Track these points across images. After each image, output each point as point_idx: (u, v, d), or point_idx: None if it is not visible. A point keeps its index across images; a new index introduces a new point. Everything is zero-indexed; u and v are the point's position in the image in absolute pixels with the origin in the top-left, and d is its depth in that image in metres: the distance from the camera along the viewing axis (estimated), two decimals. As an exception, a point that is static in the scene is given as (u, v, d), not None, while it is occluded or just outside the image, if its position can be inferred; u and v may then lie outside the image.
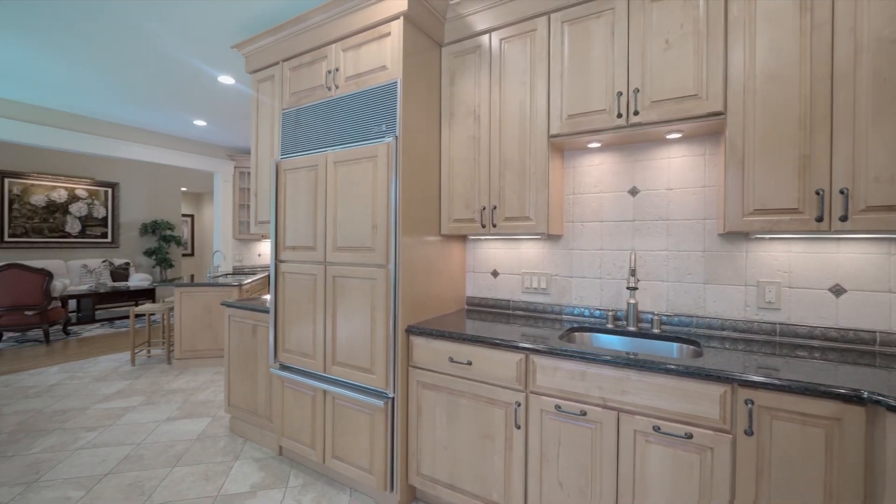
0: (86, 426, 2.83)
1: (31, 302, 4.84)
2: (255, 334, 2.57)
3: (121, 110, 4.29)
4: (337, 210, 2.07)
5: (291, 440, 2.28)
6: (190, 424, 2.86)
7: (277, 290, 2.33)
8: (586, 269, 2.10)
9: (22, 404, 3.20)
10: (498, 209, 2.02)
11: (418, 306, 2.03)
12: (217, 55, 3.01)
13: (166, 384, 3.66)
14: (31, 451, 2.48)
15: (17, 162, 6.85)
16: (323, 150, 2.19)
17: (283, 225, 2.31)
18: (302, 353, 2.22)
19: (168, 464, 2.35)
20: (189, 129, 4.91)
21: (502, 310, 2.35)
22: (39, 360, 4.37)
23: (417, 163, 2.03)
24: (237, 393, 2.67)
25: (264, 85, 2.57)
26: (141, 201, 8.33)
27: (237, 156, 5.79)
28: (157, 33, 2.70)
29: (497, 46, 2.03)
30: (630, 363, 1.41)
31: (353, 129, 2.08)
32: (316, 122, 2.23)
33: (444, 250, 2.26)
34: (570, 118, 1.84)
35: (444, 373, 1.84)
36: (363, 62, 2.07)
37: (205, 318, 4.14)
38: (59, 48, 2.92)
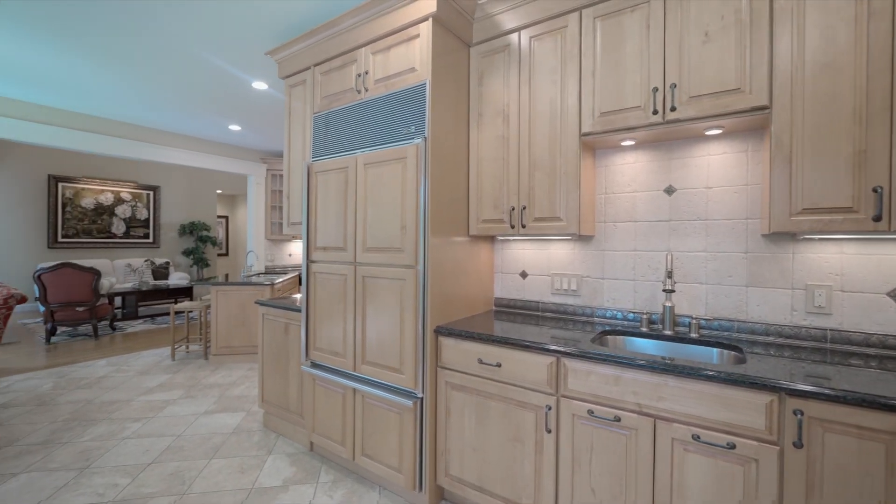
0: (131, 417, 2.98)
1: (82, 299, 5.15)
2: (287, 332, 2.64)
3: (162, 117, 4.51)
4: (367, 211, 2.10)
5: (322, 437, 2.33)
6: (226, 418, 2.96)
7: (309, 289, 2.38)
8: (619, 271, 2.05)
9: (74, 394, 3.40)
10: (527, 209, 1.99)
11: (447, 307, 2.03)
12: (251, 62, 3.11)
13: (203, 379, 3.81)
14: (82, 439, 2.64)
15: (70, 168, 7.31)
16: (353, 152, 2.23)
17: (315, 226, 2.36)
18: (332, 351, 2.26)
19: (206, 456, 2.45)
20: (224, 133, 5.10)
21: (531, 311, 2.32)
22: (89, 354, 4.65)
23: (446, 164, 2.03)
24: (270, 389, 2.75)
25: (296, 90, 2.64)
26: (180, 203, 8.72)
27: (269, 158, 5.97)
28: (196, 44, 2.82)
29: (526, 45, 2.01)
30: (668, 368, 1.36)
31: (382, 130, 2.10)
32: (346, 124, 2.27)
33: (472, 251, 2.25)
34: (602, 116, 1.79)
35: (473, 374, 1.83)
36: (392, 65, 2.09)
37: (239, 316, 4.29)
38: (107, 61, 3.09)
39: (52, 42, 2.82)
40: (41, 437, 2.66)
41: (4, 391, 3.49)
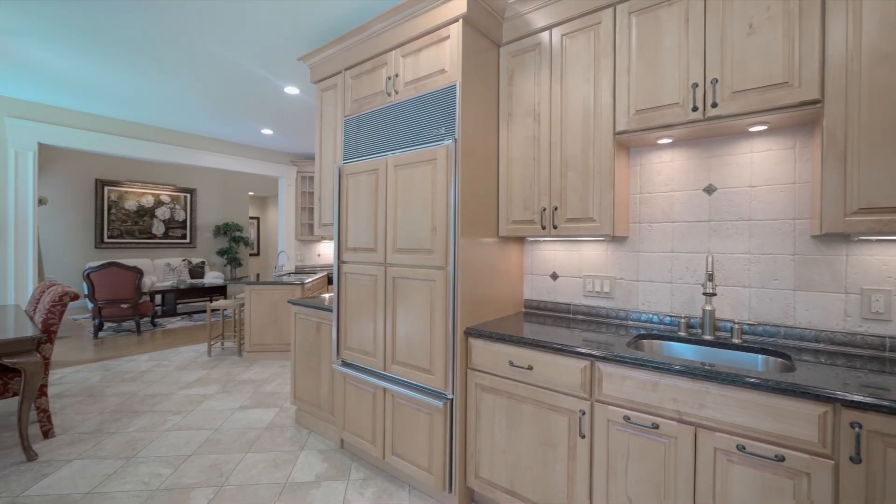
0: (172, 410, 3.12)
1: (126, 296, 5.42)
2: (318, 331, 2.70)
3: (200, 123, 4.69)
4: (397, 212, 2.12)
5: (352, 434, 2.37)
6: (260, 414, 3.06)
7: (340, 289, 2.43)
8: (655, 273, 1.99)
9: (120, 387, 3.59)
10: (559, 210, 1.96)
11: (476, 308, 2.03)
12: (284, 68, 3.19)
13: (238, 375, 3.95)
14: (128, 430, 2.78)
15: (114, 172, 7.72)
16: (383, 154, 2.25)
17: (346, 227, 2.40)
18: (363, 351, 2.30)
19: (242, 449, 2.53)
20: (257, 137, 5.26)
21: (562, 314, 2.28)
22: (132, 349, 4.89)
23: (476, 165, 2.03)
24: (302, 386, 2.81)
25: (327, 94, 2.69)
26: (214, 205, 9.06)
27: (299, 161, 6.12)
28: (232, 52, 2.92)
29: (558, 43, 1.98)
30: (710, 375, 1.31)
31: (412, 132, 2.12)
32: (376, 127, 2.30)
33: (502, 252, 2.23)
34: (638, 114, 1.74)
35: (503, 376, 1.82)
36: (422, 67, 2.10)
37: (272, 315, 4.42)
38: (149, 70, 3.24)
39: (99, 54, 2.99)
40: (91, 427, 2.82)
41: (58, 382, 3.72)
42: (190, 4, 2.34)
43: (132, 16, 2.48)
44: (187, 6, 2.36)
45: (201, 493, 2.09)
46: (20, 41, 2.80)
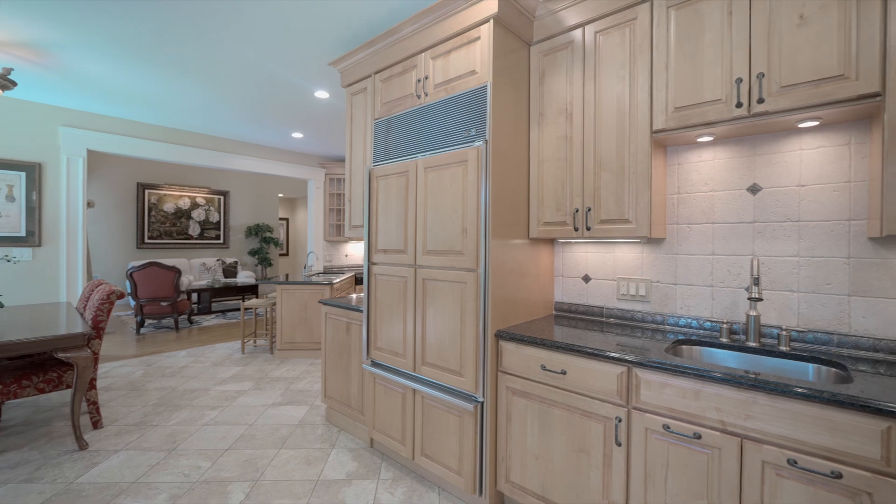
0: (209, 405, 3.24)
1: (166, 295, 5.67)
2: (348, 331, 2.74)
3: (234, 127, 4.86)
4: (427, 214, 2.12)
5: (382, 434, 2.39)
6: (292, 411, 3.13)
7: (370, 290, 2.46)
8: (694, 276, 1.91)
9: (161, 382, 3.76)
10: (592, 211, 1.92)
11: (507, 311, 2.01)
12: (314, 73, 3.26)
13: (270, 372, 4.06)
14: (169, 423, 2.90)
15: (154, 176, 8.09)
16: (413, 156, 2.26)
17: (376, 229, 2.43)
18: (393, 351, 2.32)
19: (275, 446, 2.60)
20: (288, 141, 5.40)
21: (595, 317, 2.23)
22: (171, 345, 5.11)
23: (507, 166, 2.01)
24: (332, 385, 2.86)
25: (357, 97, 2.73)
26: (246, 207, 9.36)
27: (327, 163, 6.24)
28: (266, 59, 3.00)
29: (591, 40, 1.93)
30: (758, 384, 1.25)
31: (442, 134, 2.12)
32: (406, 129, 2.31)
33: (533, 254, 2.20)
34: (677, 111, 1.68)
35: (535, 380, 1.79)
36: (452, 68, 2.09)
37: (302, 314, 4.52)
38: (186, 78, 3.37)
39: (142, 64, 3.14)
40: (135, 419, 2.96)
41: (105, 376, 3.93)
42: (228, 16, 2.42)
43: (174, 28, 2.59)
44: (226, 18, 2.44)
45: (238, 487, 2.16)
46: (71, 54, 2.97)
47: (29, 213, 3.94)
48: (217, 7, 2.35)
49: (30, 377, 2.54)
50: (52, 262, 4.09)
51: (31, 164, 3.96)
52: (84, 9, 2.38)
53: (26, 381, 2.52)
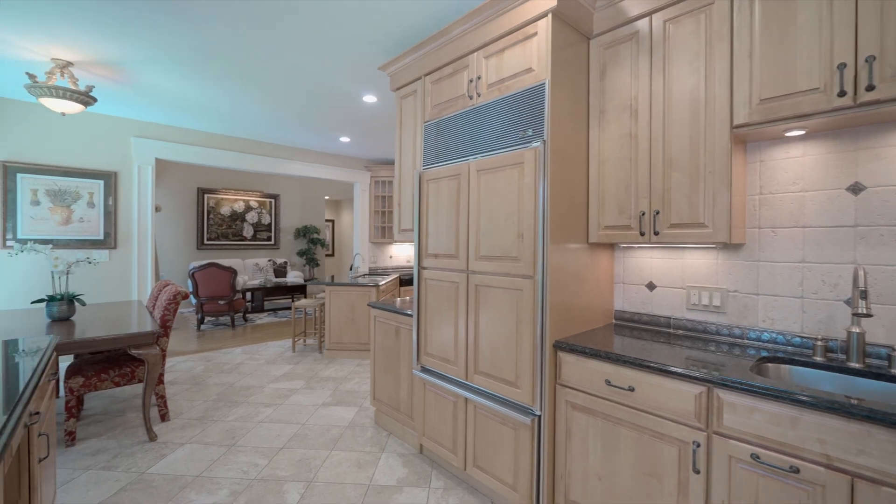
0: (263, 402, 3.35)
1: (223, 294, 5.99)
2: (398, 336, 2.73)
3: (286, 134, 5.04)
4: (480, 218, 2.06)
5: (432, 441, 2.36)
6: (341, 412, 3.18)
7: (420, 295, 2.43)
8: (780, 286, 1.72)
9: (219, 378, 3.95)
10: (661, 215, 1.78)
11: (565, 320, 1.90)
12: (363, 78, 3.29)
13: (319, 371, 4.16)
14: (228, 419, 3.03)
15: (212, 181, 8.59)
16: (465, 159, 2.21)
17: (426, 233, 2.40)
18: (443, 358, 2.27)
19: (327, 446, 2.64)
20: (335, 145, 5.53)
21: (660, 328, 2.07)
22: (228, 342, 5.38)
23: (565, 167, 1.90)
24: (381, 388, 2.87)
25: (407, 101, 2.72)
26: (295, 209, 9.73)
27: (373, 166, 6.34)
28: (317, 66, 3.06)
29: (660, 30, 1.79)
30: (875, 416, 1.08)
31: (496, 136, 2.05)
32: (457, 131, 2.26)
33: (592, 260, 2.08)
34: (762, 104, 1.51)
35: (598, 396, 1.68)
36: (506, 67, 2.02)
37: (349, 315, 4.60)
38: (243, 88, 3.52)
39: (202, 75, 3.30)
40: (198, 414, 3.12)
41: (171, 370, 4.19)
42: (284, 27, 2.49)
43: (233, 41, 2.69)
44: (281, 29, 2.50)
45: (293, 487, 2.20)
46: (142, 69, 3.18)
47: (106, 218, 4.27)
48: (272, 19, 2.41)
49: (107, 371, 2.73)
50: (126, 263, 4.42)
51: (108, 172, 4.30)
52: (153, 25, 2.53)
53: (104, 375, 2.71)
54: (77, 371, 2.68)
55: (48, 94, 2.89)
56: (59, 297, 2.91)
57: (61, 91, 2.91)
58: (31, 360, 1.55)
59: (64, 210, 4.07)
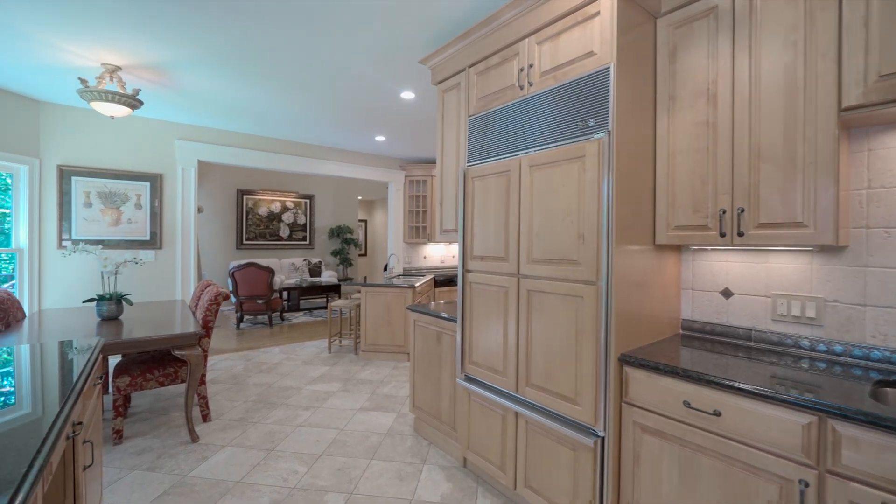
0: (302, 405, 3.32)
1: (261, 293, 6.08)
2: (439, 341, 2.60)
3: (321, 134, 5.03)
4: (533, 218, 1.90)
5: (478, 456, 2.22)
6: (380, 418, 3.09)
7: (464, 299, 2.29)
8: (894, 297, 1.46)
9: (258, 378, 3.96)
10: (747, 213, 1.55)
11: (630, 330, 1.71)
12: (401, 74, 3.19)
13: (356, 374, 4.10)
14: (267, 422, 3.01)
15: (251, 182, 8.79)
16: (514, 154, 2.05)
17: (471, 233, 2.26)
18: (491, 367, 2.13)
19: (366, 455, 2.55)
20: (370, 144, 5.49)
21: (738, 340, 1.84)
22: (265, 341, 5.45)
23: (631, 160, 1.71)
24: (422, 396, 2.75)
25: (449, 94, 2.58)
26: (329, 209, 9.84)
27: (407, 165, 6.27)
28: (354, 62, 2.98)
29: (744, 2, 1.57)
30: None
31: (550, 128, 1.88)
32: (506, 125, 2.11)
33: (658, 263, 1.88)
34: (883, 80, 1.27)
35: (675, 418, 1.49)
36: (563, 52, 1.84)
37: (385, 316, 4.53)
38: (281, 88, 3.50)
39: (241, 76, 3.29)
40: (238, 415, 3.12)
41: (212, 369, 4.25)
42: (321, 21, 2.41)
43: (271, 39, 2.65)
44: (319, 23, 2.43)
45: (333, 499, 2.11)
46: (185, 71, 3.20)
47: (152, 219, 4.39)
48: (311, 16, 2.34)
49: (152, 371, 2.76)
50: (170, 263, 4.53)
51: (154, 174, 4.41)
52: (196, 25, 2.51)
53: (149, 375, 2.74)
54: (124, 370, 2.71)
55: (99, 97, 2.95)
56: (109, 297, 2.96)
57: (110, 95, 2.96)
58: (79, 360, 1.53)
59: (114, 211, 4.21)
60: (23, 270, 3.76)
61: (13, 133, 3.67)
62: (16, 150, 3.69)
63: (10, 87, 3.53)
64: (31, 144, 3.82)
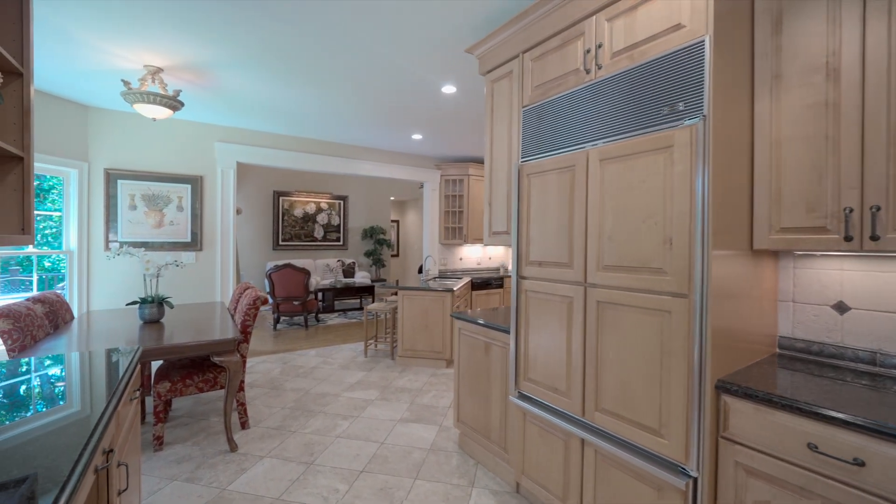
0: (340, 413, 3.20)
1: (298, 294, 6.07)
2: (488, 353, 2.40)
3: (358, 134, 4.93)
4: (604, 219, 1.66)
5: (534, 483, 2.00)
6: (421, 431, 2.92)
7: (519, 309, 2.08)
8: None
9: (296, 382, 3.89)
10: (883, 212, 1.26)
11: (727, 352, 1.45)
12: (443, 66, 3.01)
13: (394, 381, 3.96)
14: (305, 431, 2.90)
15: (286, 184, 8.89)
16: (580, 146, 1.82)
17: (527, 236, 2.04)
18: (551, 386, 1.90)
19: (410, 473, 2.38)
20: (406, 143, 5.35)
21: (857, 364, 1.53)
22: (302, 343, 5.41)
23: (727, 151, 1.45)
24: (467, 410, 2.56)
25: (500, 84, 2.38)
26: (362, 210, 9.83)
27: (443, 164, 6.10)
28: (394, 56, 2.82)
29: (881, -47, 1.28)
30: None
31: (626, 115, 1.63)
32: (569, 114, 1.88)
33: (754, 272, 1.60)
34: None
35: (795, 463, 1.22)
36: (640, 28, 1.60)
37: (422, 321, 4.37)
38: (317, 86, 3.39)
39: (278, 75, 3.21)
40: (276, 422, 3.03)
41: (250, 371, 4.23)
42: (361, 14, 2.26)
43: (311, 35, 2.53)
44: (359, 16, 2.28)
45: (378, 524, 1.95)
46: (223, 71, 3.15)
47: (193, 221, 4.42)
48: (354, 10, 2.19)
49: (192, 377, 2.70)
50: (210, 265, 4.55)
51: (195, 176, 4.44)
52: (234, 21, 2.43)
53: (189, 381, 2.68)
54: (164, 375, 2.67)
55: (141, 99, 2.93)
56: (151, 300, 2.94)
57: (152, 96, 2.94)
58: (110, 377, 1.43)
59: (157, 213, 4.26)
60: (73, 272, 3.85)
61: (64, 138, 3.76)
62: (66, 154, 3.77)
63: (61, 93, 3.61)
64: (80, 149, 3.90)
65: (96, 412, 1.13)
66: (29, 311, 2.51)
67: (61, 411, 1.15)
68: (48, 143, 3.61)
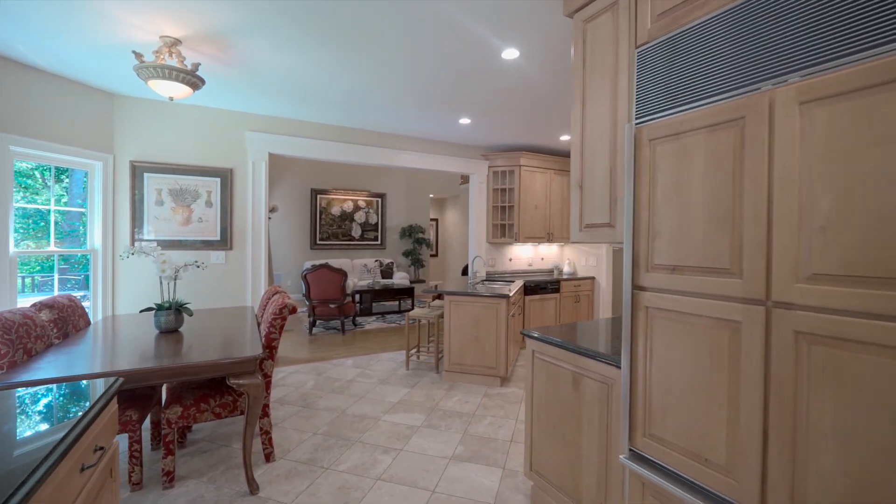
0: (380, 444, 2.68)
1: (334, 297, 5.67)
2: (576, 386, 1.79)
3: (399, 119, 4.43)
4: (811, 198, 1.01)
5: (662, 590, 1.37)
6: (480, 474, 2.34)
7: (635, 332, 1.45)
8: None
9: (330, 400, 3.43)
10: None
11: None
12: (506, 21, 2.42)
13: (441, 401, 3.41)
14: (339, 469, 2.40)
15: (324, 181, 8.60)
16: (754, 86, 1.17)
17: (648, 229, 1.41)
18: (693, 453, 1.27)
19: (472, 543, 1.81)
20: (452, 129, 4.80)
21: None
22: (338, 350, 4.99)
23: None
24: (545, 458, 1.96)
25: (597, 23, 1.75)
26: (400, 208, 9.40)
27: (490, 154, 5.49)
28: (449, 10, 2.26)
29: None
30: None
31: (837, 27, 0.97)
32: (728, 40, 1.23)
33: None
34: None
35: None
36: None
37: (472, 331, 3.80)
38: (359, 58, 2.90)
39: (314, 46, 2.74)
40: (306, 454, 2.55)
41: (281, 383, 3.81)
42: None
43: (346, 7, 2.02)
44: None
45: None
46: (249, 42, 2.72)
47: (223, 217, 4.07)
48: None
49: (207, 400, 2.27)
50: (241, 265, 4.20)
51: (225, 169, 4.10)
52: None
53: (204, 405, 2.25)
54: (176, 398, 2.25)
55: (156, 74, 2.54)
56: (167, 306, 2.55)
57: (168, 70, 2.54)
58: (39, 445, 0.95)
59: (185, 209, 3.93)
60: (97, 273, 3.58)
61: (88, 128, 3.49)
62: (91, 145, 3.50)
63: (83, 78, 3.33)
64: (104, 140, 3.62)
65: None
66: (27, 319, 2.16)
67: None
68: (71, 133, 3.34)
